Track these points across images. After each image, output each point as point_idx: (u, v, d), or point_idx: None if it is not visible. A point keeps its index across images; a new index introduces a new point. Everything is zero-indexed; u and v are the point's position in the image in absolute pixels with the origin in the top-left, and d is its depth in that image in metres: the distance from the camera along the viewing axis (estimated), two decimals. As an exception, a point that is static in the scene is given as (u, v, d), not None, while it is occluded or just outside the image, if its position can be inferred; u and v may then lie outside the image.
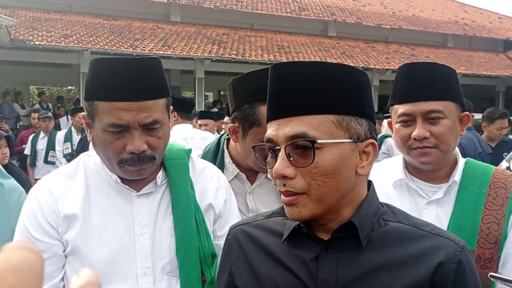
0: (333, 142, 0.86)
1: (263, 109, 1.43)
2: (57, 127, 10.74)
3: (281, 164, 0.87)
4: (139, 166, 1.20)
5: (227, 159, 1.66)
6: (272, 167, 0.89)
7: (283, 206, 0.95)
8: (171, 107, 1.31)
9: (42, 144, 6.49)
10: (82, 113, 1.24)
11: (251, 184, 1.64)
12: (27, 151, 6.54)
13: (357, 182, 0.91)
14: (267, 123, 0.93)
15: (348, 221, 0.90)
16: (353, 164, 0.89)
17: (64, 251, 1.23)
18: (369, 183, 0.98)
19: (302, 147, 0.86)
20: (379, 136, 5.87)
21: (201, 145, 4.08)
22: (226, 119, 5.44)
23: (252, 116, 1.47)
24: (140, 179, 1.26)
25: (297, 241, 0.96)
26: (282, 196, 0.89)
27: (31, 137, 6.61)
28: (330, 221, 0.92)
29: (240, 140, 1.55)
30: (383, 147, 5.90)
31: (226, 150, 1.68)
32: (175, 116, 4.19)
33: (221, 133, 1.76)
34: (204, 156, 1.73)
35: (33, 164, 6.50)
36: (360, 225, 0.90)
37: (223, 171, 1.63)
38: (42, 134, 6.53)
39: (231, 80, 1.57)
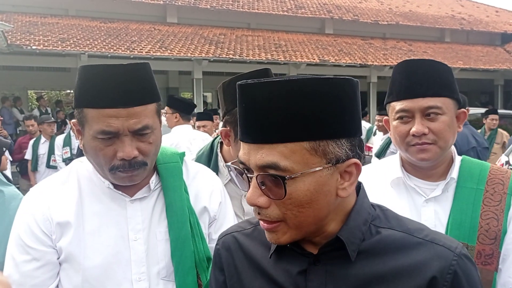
0: (308, 172, 0.78)
1: None
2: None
3: (253, 193, 0.82)
4: (130, 172, 1.19)
5: (221, 162, 1.67)
6: (247, 191, 0.84)
7: None
8: (162, 109, 1.30)
9: (43, 148, 6.49)
10: (73, 120, 1.23)
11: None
12: (28, 156, 6.53)
13: (339, 200, 0.85)
14: (240, 140, 0.86)
15: (335, 237, 0.86)
16: (332, 188, 0.82)
17: (58, 258, 1.23)
18: (359, 186, 0.93)
19: (274, 176, 0.79)
20: (387, 135, 5.79)
21: (203, 146, 4.07)
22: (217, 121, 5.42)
23: None
24: (133, 184, 1.25)
25: (285, 254, 0.92)
26: (260, 222, 0.85)
27: (31, 142, 6.60)
28: (316, 237, 0.88)
29: (232, 144, 1.57)
30: (392, 147, 5.80)
31: (220, 154, 1.69)
32: (176, 117, 4.19)
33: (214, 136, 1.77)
34: (198, 160, 1.74)
35: (35, 169, 6.50)
36: (348, 239, 0.85)
37: (217, 175, 1.62)
38: (43, 139, 6.52)
39: (221, 83, 1.58)
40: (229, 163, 0.90)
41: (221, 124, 4.06)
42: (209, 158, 1.71)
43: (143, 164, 1.20)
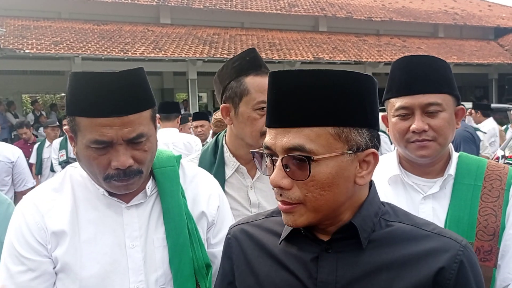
0: (330, 156, 0.84)
1: (249, 79, 1.55)
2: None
3: (277, 175, 0.86)
4: (126, 181, 1.16)
5: (227, 153, 1.69)
6: (270, 175, 0.88)
7: None
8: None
9: (47, 152, 6.48)
10: (65, 127, 1.21)
11: (252, 178, 1.65)
12: (33, 159, 6.55)
13: (356, 189, 0.90)
14: (267, 128, 0.91)
15: (348, 222, 0.90)
16: (351, 174, 0.87)
17: (54, 268, 1.20)
18: (370, 183, 0.97)
19: (299, 159, 0.84)
20: None
21: (184, 151, 3.99)
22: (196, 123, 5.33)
23: (239, 87, 1.56)
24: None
25: (297, 242, 0.95)
26: (279, 203, 0.89)
27: (36, 146, 6.65)
28: (329, 226, 0.92)
29: (234, 118, 1.61)
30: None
31: (225, 145, 1.70)
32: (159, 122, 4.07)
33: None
34: (203, 155, 1.75)
35: (39, 173, 6.51)
36: (360, 226, 0.89)
37: (223, 167, 1.66)
38: (47, 143, 6.55)
39: (216, 74, 1.66)
40: (253, 150, 0.94)
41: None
42: (214, 151, 1.72)
43: (139, 172, 1.18)
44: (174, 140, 4.10)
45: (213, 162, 1.68)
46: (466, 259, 0.89)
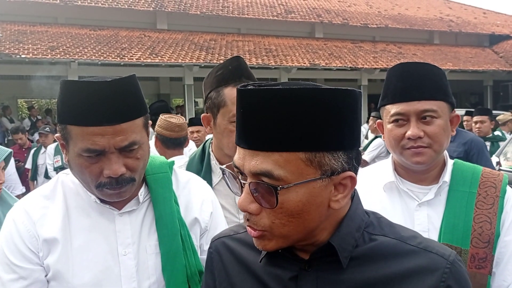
0: (301, 183, 0.78)
1: (227, 91, 1.58)
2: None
3: (245, 199, 0.81)
4: (118, 189, 1.16)
5: (213, 161, 1.70)
6: (239, 195, 0.84)
7: None
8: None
9: (42, 158, 6.46)
10: (56, 135, 1.20)
11: None
12: (28, 165, 6.57)
13: (331, 211, 0.84)
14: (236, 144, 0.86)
15: (326, 242, 0.85)
16: (325, 200, 0.81)
17: (46, 276, 1.19)
18: (353, 193, 0.91)
19: (267, 185, 0.78)
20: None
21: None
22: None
23: (217, 98, 1.59)
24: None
25: (277, 259, 0.91)
26: (247, 228, 0.85)
27: (32, 151, 6.65)
28: (306, 245, 0.87)
29: (213, 128, 1.65)
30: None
31: (212, 153, 1.71)
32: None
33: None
34: (190, 162, 1.76)
35: (34, 178, 6.52)
36: (339, 245, 0.85)
37: (210, 174, 1.67)
38: (43, 149, 6.53)
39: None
40: (223, 166, 0.90)
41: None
42: (201, 159, 1.73)
43: (131, 180, 1.17)
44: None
45: (200, 169, 1.69)
46: (454, 278, 0.84)
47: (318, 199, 0.80)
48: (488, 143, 5.34)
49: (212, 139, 1.75)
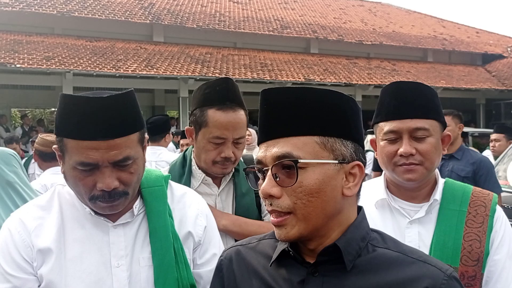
0: (317, 162, 0.89)
1: (211, 112, 1.67)
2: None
3: (267, 184, 0.91)
4: (111, 202, 1.17)
5: (194, 166, 1.80)
6: (258, 189, 0.92)
7: None
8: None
9: (33, 168, 6.41)
10: (54, 146, 1.22)
11: (218, 187, 1.79)
12: None
13: (344, 204, 0.93)
14: (258, 145, 0.97)
15: (333, 243, 0.91)
16: (338, 185, 0.91)
17: (39, 286, 1.19)
18: (360, 208, 1.00)
19: (288, 167, 0.89)
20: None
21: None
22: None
23: (201, 118, 1.68)
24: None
25: (286, 264, 0.97)
26: (271, 217, 0.92)
27: (23, 161, 6.54)
28: (318, 245, 0.93)
29: (194, 142, 1.75)
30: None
31: (193, 159, 1.81)
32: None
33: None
34: (172, 167, 1.85)
35: None
36: (344, 248, 0.91)
37: (191, 179, 1.76)
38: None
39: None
40: (246, 167, 1.01)
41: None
42: (183, 165, 1.83)
43: (124, 194, 1.19)
44: (157, 159, 4.13)
45: (182, 174, 1.79)
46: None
47: (332, 181, 0.90)
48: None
49: (193, 147, 1.86)
